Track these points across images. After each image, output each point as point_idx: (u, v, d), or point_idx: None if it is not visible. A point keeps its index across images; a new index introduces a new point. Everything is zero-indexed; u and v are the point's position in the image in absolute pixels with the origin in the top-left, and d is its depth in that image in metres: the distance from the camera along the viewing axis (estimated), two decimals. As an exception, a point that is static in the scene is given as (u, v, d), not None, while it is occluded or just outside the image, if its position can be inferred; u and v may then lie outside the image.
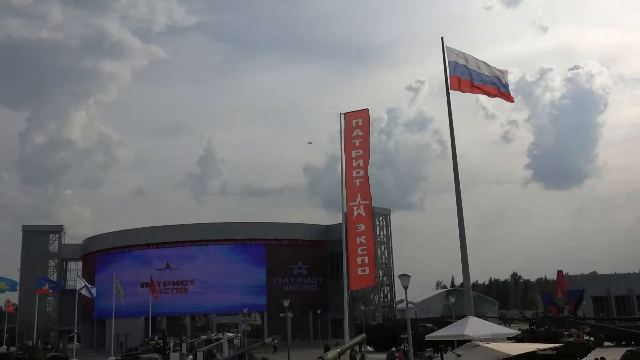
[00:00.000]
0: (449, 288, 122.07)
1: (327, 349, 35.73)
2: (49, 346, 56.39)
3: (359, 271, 26.11)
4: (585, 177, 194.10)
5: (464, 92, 19.61)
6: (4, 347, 66.15)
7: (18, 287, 67.61)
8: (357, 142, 27.35)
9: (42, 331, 75.04)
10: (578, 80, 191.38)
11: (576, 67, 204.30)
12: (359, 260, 26.21)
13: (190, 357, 15.80)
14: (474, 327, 14.56)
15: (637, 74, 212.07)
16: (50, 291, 69.25)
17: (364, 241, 26.26)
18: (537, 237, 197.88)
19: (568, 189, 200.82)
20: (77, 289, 60.10)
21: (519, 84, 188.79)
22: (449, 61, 20.00)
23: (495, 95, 20.15)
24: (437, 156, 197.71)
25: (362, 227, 26.47)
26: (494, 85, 20.05)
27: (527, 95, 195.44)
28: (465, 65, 20.09)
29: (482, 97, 19.64)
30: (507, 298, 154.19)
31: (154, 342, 33.76)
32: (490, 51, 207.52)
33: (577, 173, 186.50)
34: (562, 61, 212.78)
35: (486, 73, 19.95)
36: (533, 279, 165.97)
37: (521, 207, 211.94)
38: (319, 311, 72.27)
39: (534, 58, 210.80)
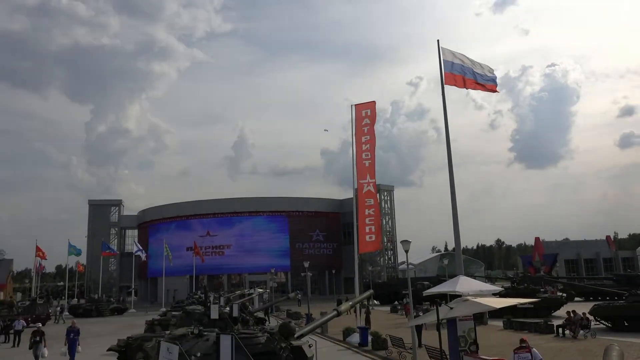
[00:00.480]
0: (442, 252, 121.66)
1: (339, 302, 35.91)
2: (111, 299, 57.27)
3: (367, 238, 26.10)
4: (559, 158, 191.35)
5: (458, 87, 19.31)
6: (75, 299, 67.44)
7: (84, 252, 68.49)
8: (365, 129, 27.13)
9: (106, 287, 76.26)
10: (554, 76, 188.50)
11: (553, 64, 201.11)
12: (366, 228, 26.17)
13: (227, 308, 15.94)
14: (464, 284, 14.46)
15: (606, 70, 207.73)
16: (112, 253, 70.20)
17: (371, 213, 26.19)
18: (518, 209, 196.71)
19: (545, 168, 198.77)
20: (134, 252, 61.02)
21: (504, 79, 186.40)
22: (444, 60, 19.67)
23: (482, 89, 19.83)
24: (434, 141, 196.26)
25: (370, 201, 26.36)
26: (482, 80, 19.72)
27: (510, 89, 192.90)
28: (458, 64, 19.78)
29: (472, 91, 19.34)
30: (492, 260, 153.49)
31: (197, 296, 34.01)
32: (479, 51, 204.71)
33: (553, 155, 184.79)
34: (541, 59, 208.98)
35: (476, 70, 19.61)
36: (514, 244, 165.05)
37: (505, 183, 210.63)
38: (333, 271, 72.51)
39: (517, 57, 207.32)
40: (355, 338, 23.24)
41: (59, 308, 46.22)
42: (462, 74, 19.36)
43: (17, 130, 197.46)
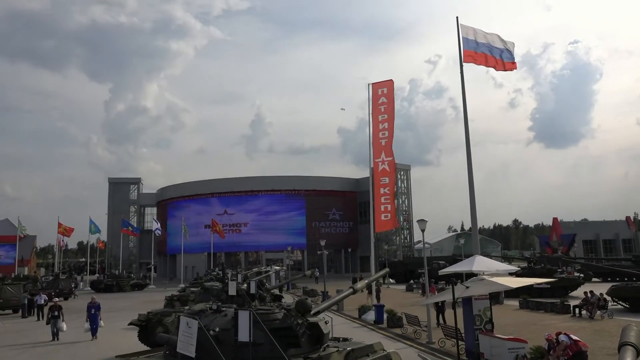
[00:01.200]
0: (459, 231, 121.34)
1: (354, 280, 36.06)
2: (132, 275, 58.28)
3: (382, 216, 26.11)
4: (580, 137, 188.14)
5: (477, 64, 19.00)
6: (97, 275, 68.84)
7: (104, 230, 69.70)
8: (382, 108, 26.90)
9: (126, 263, 77.67)
10: (577, 53, 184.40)
11: (575, 42, 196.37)
12: (382, 207, 26.17)
13: (244, 285, 16.16)
14: (480, 264, 14.46)
15: (630, 47, 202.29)
16: (133, 233, 71.21)
17: (387, 192, 26.15)
18: (536, 188, 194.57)
19: (565, 147, 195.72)
20: (153, 230, 61.96)
21: (525, 57, 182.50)
22: (463, 37, 19.35)
23: (503, 69, 19.46)
24: (452, 120, 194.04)
25: (386, 180, 26.29)
26: (501, 57, 19.36)
27: (531, 67, 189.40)
28: (477, 41, 19.42)
29: (492, 69, 18.92)
30: (508, 241, 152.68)
31: (215, 273, 34.47)
32: (499, 27, 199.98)
33: (573, 134, 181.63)
34: (563, 36, 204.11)
35: (495, 46, 19.24)
36: (531, 224, 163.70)
37: (523, 163, 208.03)
38: (349, 250, 72.81)
39: (538, 34, 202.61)
40: (370, 316, 23.43)
41: (72, 284, 47.05)
42: (482, 52, 19.04)
43: (40, 109, 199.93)
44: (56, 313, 19.42)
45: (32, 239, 79.22)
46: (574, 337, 10.76)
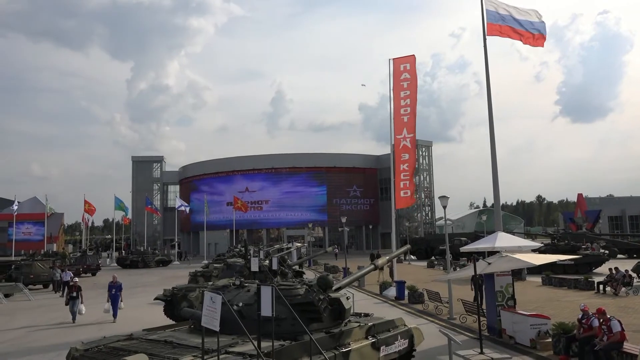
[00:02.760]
0: (481, 208, 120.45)
1: (372, 257, 36.20)
2: (157, 251, 59.31)
3: (402, 193, 26.02)
4: (608, 111, 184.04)
5: (502, 37, 18.53)
6: (122, 252, 70.28)
7: (128, 207, 70.49)
8: (405, 84, 26.55)
9: (151, 240, 79.03)
10: (606, 24, 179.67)
11: (605, 12, 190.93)
12: (402, 184, 26.07)
13: (266, 262, 16.35)
14: (503, 240, 14.32)
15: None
16: (156, 211, 72.36)
17: (406, 168, 26.01)
18: (560, 164, 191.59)
19: (592, 122, 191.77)
20: (177, 207, 62.74)
21: (552, 28, 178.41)
22: (486, 9, 18.83)
23: (530, 42, 18.92)
24: (475, 95, 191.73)
25: (406, 156, 26.11)
26: (529, 29, 18.84)
27: (558, 39, 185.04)
28: (502, 13, 18.92)
29: (517, 42, 18.34)
30: (532, 217, 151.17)
31: (237, 249, 34.94)
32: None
33: (601, 108, 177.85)
34: (592, 6, 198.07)
35: (521, 18, 18.73)
36: (555, 200, 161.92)
37: (548, 138, 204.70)
38: (370, 226, 72.91)
39: (566, 4, 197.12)
40: (391, 292, 23.55)
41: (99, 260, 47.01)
42: (507, 24, 18.57)
43: (64, 88, 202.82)
44: (74, 294, 18.26)
45: (60, 216, 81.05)
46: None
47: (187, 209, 62.66)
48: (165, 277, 38.20)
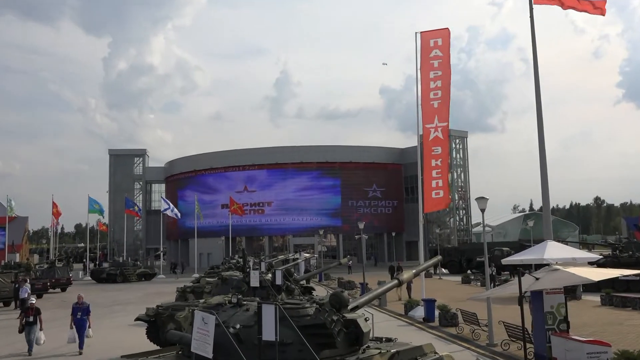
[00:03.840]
0: (527, 212, 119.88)
1: (392, 270, 36.18)
2: (138, 263, 59.73)
3: (433, 194, 25.90)
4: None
5: (552, 4, 18.33)
6: (97, 263, 70.84)
7: (105, 209, 70.93)
8: (435, 62, 26.42)
9: (131, 249, 79.62)
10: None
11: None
12: (433, 183, 25.95)
13: (269, 275, 16.37)
14: (553, 251, 14.22)
15: None
16: (138, 214, 72.72)
17: (439, 164, 25.90)
18: (624, 159, 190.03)
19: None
20: (162, 210, 62.98)
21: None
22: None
23: (585, 9, 18.67)
24: (520, 75, 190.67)
25: (438, 150, 26.01)
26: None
27: (621, 8, 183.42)
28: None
29: (572, 11, 18.01)
30: (588, 223, 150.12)
31: (234, 261, 35.08)
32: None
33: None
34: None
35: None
36: (617, 203, 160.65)
37: (608, 127, 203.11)
38: (393, 233, 72.94)
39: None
40: (419, 312, 23.51)
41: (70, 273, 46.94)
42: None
43: (29, 69, 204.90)
44: (31, 318, 16.93)
45: (24, 220, 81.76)
46: None
47: (175, 213, 62.90)
48: (148, 293, 38.44)
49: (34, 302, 17.85)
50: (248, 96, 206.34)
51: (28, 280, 32.73)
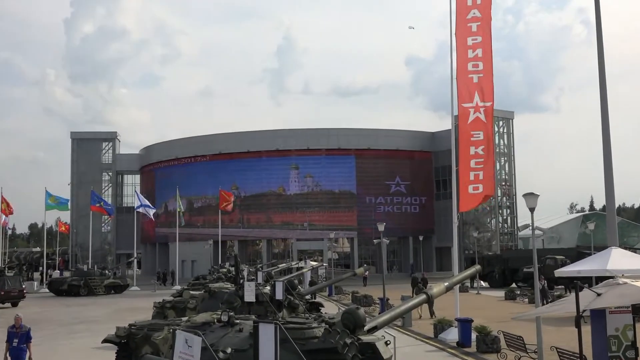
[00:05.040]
0: (586, 212, 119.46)
1: (414, 282, 36.23)
2: (107, 272, 60.01)
3: (471, 189, 25.75)
4: None
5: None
6: (57, 271, 71.13)
7: (69, 205, 70.90)
8: (474, 26, 26.29)
9: (98, 254, 79.82)
10: None
11: None
12: (471, 175, 25.78)
13: (267, 288, 16.40)
14: (619, 260, 14.19)
15: None
16: (106, 212, 72.72)
17: (480, 152, 25.65)
18: None
19: None
20: (136, 207, 63.04)
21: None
22: None
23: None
24: (581, 42, 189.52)
25: (479, 135, 25.79)
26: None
27: None
28: None
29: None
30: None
31: (225, 269, 35.24)
32: None
33: None
34: None
35: None
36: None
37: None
38: (421, 237, 72.81)
39: None
40: (452, 334, 23.51)
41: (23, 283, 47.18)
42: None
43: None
44: None
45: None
46: None
47: (152, 212, 63.08)
48: (119, 309, 38.61)
49: None
50: (243, 68, 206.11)
51: None
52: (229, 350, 7.95)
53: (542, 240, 75.64)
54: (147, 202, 63.19)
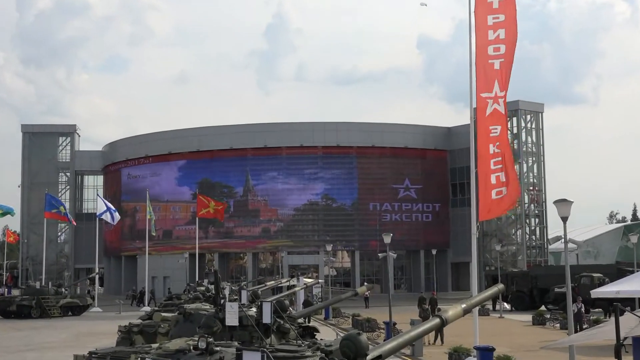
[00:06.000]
0: (628, 222, 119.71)
1: (421, 301, 36.29)
2: (63, 290, 59.94)
3: (493, 194, 25.71)
4: None
5: None
6: (4, 289, 70.93)
7: (17, 212, 70.90)
8: (495, 2, 26.34)
9: (53, 269, 79.50)
10: None
11: None
12: (492, 178, 25.77)
13: (253, 309, 16.37)
14: (667, 279, 14.27)
15: None
16: (65, 219, 72.53)
17: (497, 150, 25.68)
18: None
19: None
20: (97, 214, 62.93)
21: None
22: None
23: None
24: (624, 22, 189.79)
25: (497, 130, 25.78)
26: None
27: None
28: None
29: None
30: None
31: (202, 287, 35.20)
32: None
33: None
34: None
35: None
36: None
37: None
38: (434, 251, 72.90)
39: None
40: (470, 365, 23.57)
41: None
42: None
43: None
44: None
45: None
46: None
47: (115, 218, 62.89)
48: (77, 333, 38.53)
49: None
50: (226, 49, 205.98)
51: None
52: (207, 382, 7.97)
53: (577, 255, 75.66)
54: (112, 206, 63.06)
